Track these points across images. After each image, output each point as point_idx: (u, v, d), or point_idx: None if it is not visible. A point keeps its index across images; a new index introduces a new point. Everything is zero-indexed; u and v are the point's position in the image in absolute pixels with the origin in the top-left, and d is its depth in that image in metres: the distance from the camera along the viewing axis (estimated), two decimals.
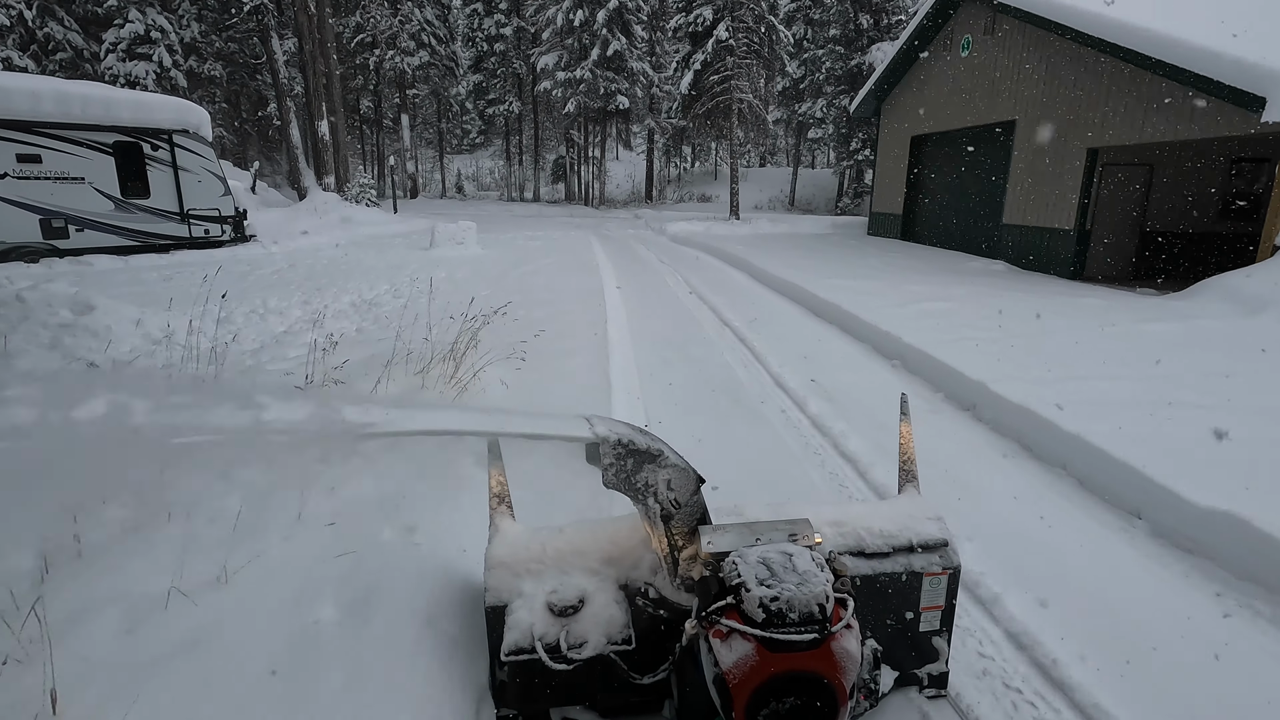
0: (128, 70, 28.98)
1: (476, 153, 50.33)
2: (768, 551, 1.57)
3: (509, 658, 1.80)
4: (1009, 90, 12.33)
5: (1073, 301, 8.10)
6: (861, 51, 31.67)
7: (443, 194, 41.05)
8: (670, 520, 1.82)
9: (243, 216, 12.66)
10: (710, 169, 46.65)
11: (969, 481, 3.75)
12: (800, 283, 9.25)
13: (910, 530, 2.08)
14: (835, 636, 1.41)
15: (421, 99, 37.56)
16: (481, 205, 34.07)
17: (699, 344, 6.84)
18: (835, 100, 32.84)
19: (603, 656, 1.83)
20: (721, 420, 4.72)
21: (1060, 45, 10.83)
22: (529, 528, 2.08)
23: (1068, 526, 3.29)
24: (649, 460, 1.76)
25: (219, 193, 11.70)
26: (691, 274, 11.78)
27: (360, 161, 41.27)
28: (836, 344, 6.84)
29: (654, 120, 34.35)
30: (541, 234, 18.18)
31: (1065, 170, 10.90)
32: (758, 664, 1.38)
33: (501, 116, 40.96)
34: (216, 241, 11.86)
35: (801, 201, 38.29)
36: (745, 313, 8.27)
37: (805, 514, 1.90)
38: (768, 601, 1.42)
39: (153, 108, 10.51)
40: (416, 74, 34.44)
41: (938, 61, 14.89)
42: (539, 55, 31.20)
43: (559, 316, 7.00)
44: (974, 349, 5.67)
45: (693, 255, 15.04)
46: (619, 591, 1.93)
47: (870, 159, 33.06)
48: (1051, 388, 4.56)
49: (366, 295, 7.96)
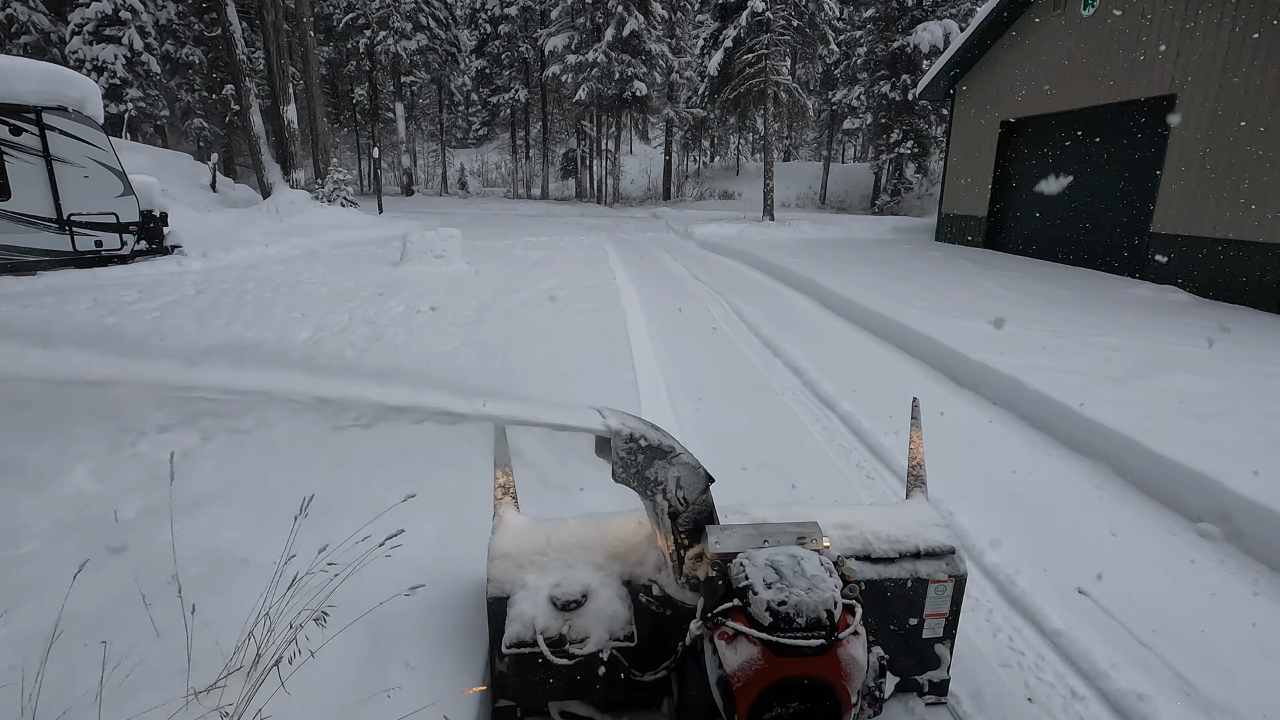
0: (94, 55, 26.34)
1: (483, 146, 47.42)
2: (776, 554, 1.53)
3: (510, 650, 1.76)
4: (1165, 54, 9.25)
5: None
6: (904, 32, 28.52)
7: (443, 191, 38.16)
8: (678, 518, 1.78)
9: (158, 222, 9.82)
10: (731, 164, 43.51)
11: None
12: (920, 328, 6.26)
13: (918, 536, 2.01)
14: (842, 643, 1.38)
15: (421, 87, 34.65)
16: (484, 203, 31.16)
17: (813, 462, 3.90)
18: (873, 87, 29.70)
19: (604, 652, 1.79)
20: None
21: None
22: (534, 519, 2.05)
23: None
24: (660, 456, 1.73)
25: (116, 191, 8.85)
26: (739, 298, 8.81)
27: (356, 156, 38.49)
28: (1082, 483, 3.70)
29: (673, 109, 31.30)
30: (547, 239, 15.25)
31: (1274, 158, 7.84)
32: (763, 668, 1.35)
33: (507, 106, 37.99)
34: (114, 256, 9.01)
35: (833, 199, 35.17)
36: (847, 379, 5.31)
37: (813, 516, 1.88)
38: (775, 605, 1.39)
39: (7, 76, 7.64)
40: (414, 59, 31.54)
41: (1044, 26, 11.80)
42: (547, 37, 28.21)
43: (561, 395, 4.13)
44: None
45: (731, 268, 12.07)
46: (623, 588, 1.88)
47: (912, 152, 29.97)
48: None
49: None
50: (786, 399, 4.98)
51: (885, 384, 5.23)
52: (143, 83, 27.09)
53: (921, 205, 31.38)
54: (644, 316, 7.66)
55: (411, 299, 7.64)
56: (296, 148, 16.07)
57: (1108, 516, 3.30)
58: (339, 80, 34.83)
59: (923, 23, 27.93)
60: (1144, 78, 9.63)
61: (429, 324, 6.39)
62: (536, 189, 38.59)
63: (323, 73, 35.56)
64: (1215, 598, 2.66)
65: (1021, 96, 12.40)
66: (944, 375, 5.50)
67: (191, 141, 33.01)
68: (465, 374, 4.87)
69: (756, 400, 4.96)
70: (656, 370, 5.45)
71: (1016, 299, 7.79)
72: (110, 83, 26.13)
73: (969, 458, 3.90)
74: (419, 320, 6.57)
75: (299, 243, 12.49)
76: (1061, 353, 5.35)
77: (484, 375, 4.81)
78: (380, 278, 9.03)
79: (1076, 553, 2.94)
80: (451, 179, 40.77)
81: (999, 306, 7.27)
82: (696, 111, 33.58)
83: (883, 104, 29.63)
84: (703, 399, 4.90)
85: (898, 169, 31.65)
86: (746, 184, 37.39)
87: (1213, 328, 6.29)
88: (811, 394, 5.10)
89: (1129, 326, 6.41)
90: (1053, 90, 11.57)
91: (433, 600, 2.17)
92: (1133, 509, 3.38)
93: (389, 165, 36.40)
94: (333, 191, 16.08)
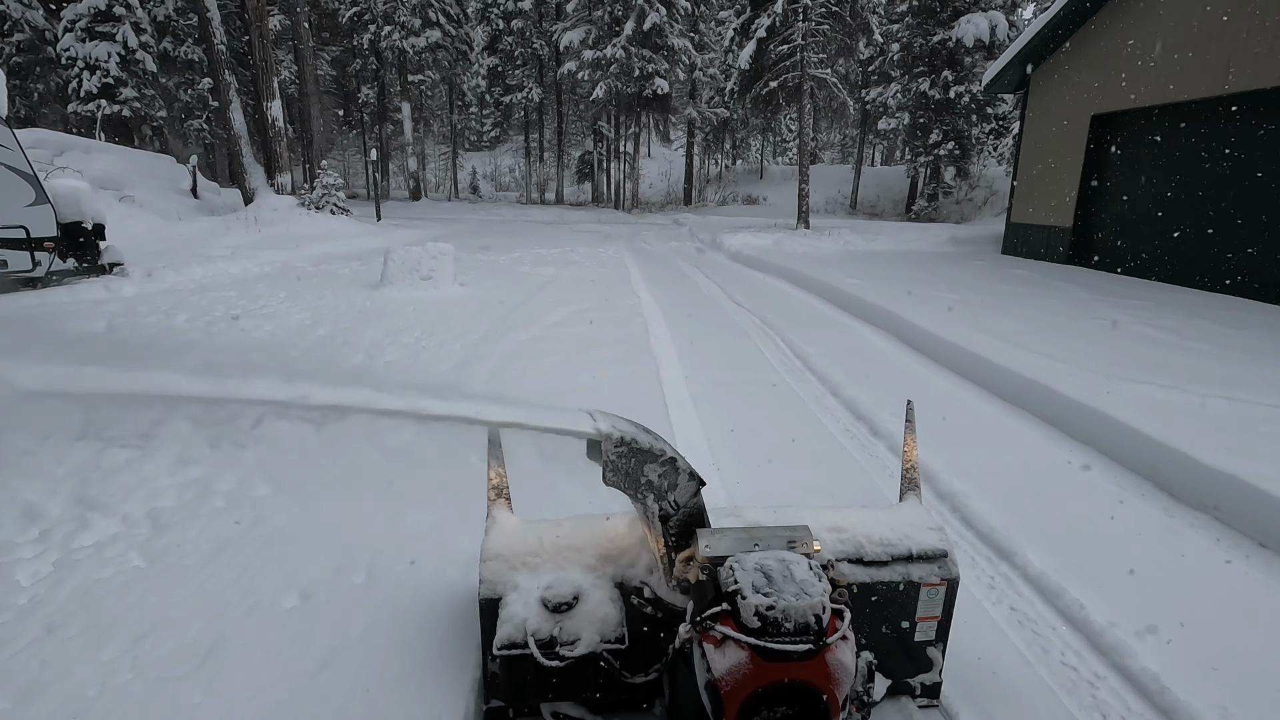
0: (87, 52, 24.99)
1: (496, 149, 45.86)
2: (765, 558, 1.53)
3: (501, 651, 1.74)
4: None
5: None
6: (945, 25, 26.53)
7: (453, 195, 36.55)
8: (668, 521, 1.75)
9: (91, 236, 8.16)
10: (753, 167, 41.57)
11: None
12: (1083, 397, 4.34)
13: (910, 539, 1.98)
14: (830, 648, 1.38)
15: (431, 87, 33.09)
16: (494, 209, 29.50)
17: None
18: (910, 85, 27.69)
19: (595, 654, 1.77)
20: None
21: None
22: (526, 521, 2.02)
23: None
24: (650, 459, 1.70)
25: (25, 199, 7.17)
26: (796, 332, 6.94)
27: (364, 159, 37.03)
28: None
29: (695, 109, 29.47)
30: (560, 252, 13.47)
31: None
32: (751, 672, 1.35)
33: (520, 106, 36.33)
34: (22, 278, 7.33)
35: (864, 204, 33.17)
36: (1016, 498, 3.44)
37: (805, 519, 1.90)
38: (763, 610, 1.38)
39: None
40: (424, 57, 29.97)
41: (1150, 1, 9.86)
42: (563, 32, 26.50)
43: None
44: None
45: (773, 288, 10.21)
46: (614, 590, 1.86)
47: (952, 154, 27.94)
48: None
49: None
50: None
51: (1097, 520, 3.32)
52: (138, 81, 25.73)
53: (961, 211, 29.31)
54: (679, 362, 5.83)
55: (378, 341, 5.86)
56: (283, 149, 14.42)
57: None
58: (344, 79, 33.36)
59: (966, 14, 25.94)
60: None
61: (392, 377, 4.61)
62: (551, 193, 36.92)
63: (331, 73, 34.19)
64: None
65: (1119, 81, 10.43)
66: (1177, 500, 3.55)
67: (192, 143, 31.71)
68: (419, 498, 3.09)
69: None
70: (714, 476, 3.58)
71: (1185, 345, 5.83)
72: (104, 81, 24.81)
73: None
74: (380, 370, 4.79)
75: (272, 257, 10.82)
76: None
77: (445, 507, 3.02)
78: (349, 306, 7.28)
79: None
80: (463, 183, 39.23)
81: (1168, 358, 5.34)
82: (720, 111, 31.73)
83: (920, 102, 27.63)
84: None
85: (935, 172, 29.60)
86: (771, 188, 35.47)
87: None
88: (977, 538, 3.19)
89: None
90: (1162, 76, 9.60)
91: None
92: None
93: (398, 169, 34.91)
94: (321, 197, 14.41)
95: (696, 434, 4.20)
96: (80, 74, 24.78)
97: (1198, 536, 3.09)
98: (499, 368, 5.17)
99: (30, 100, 28.46)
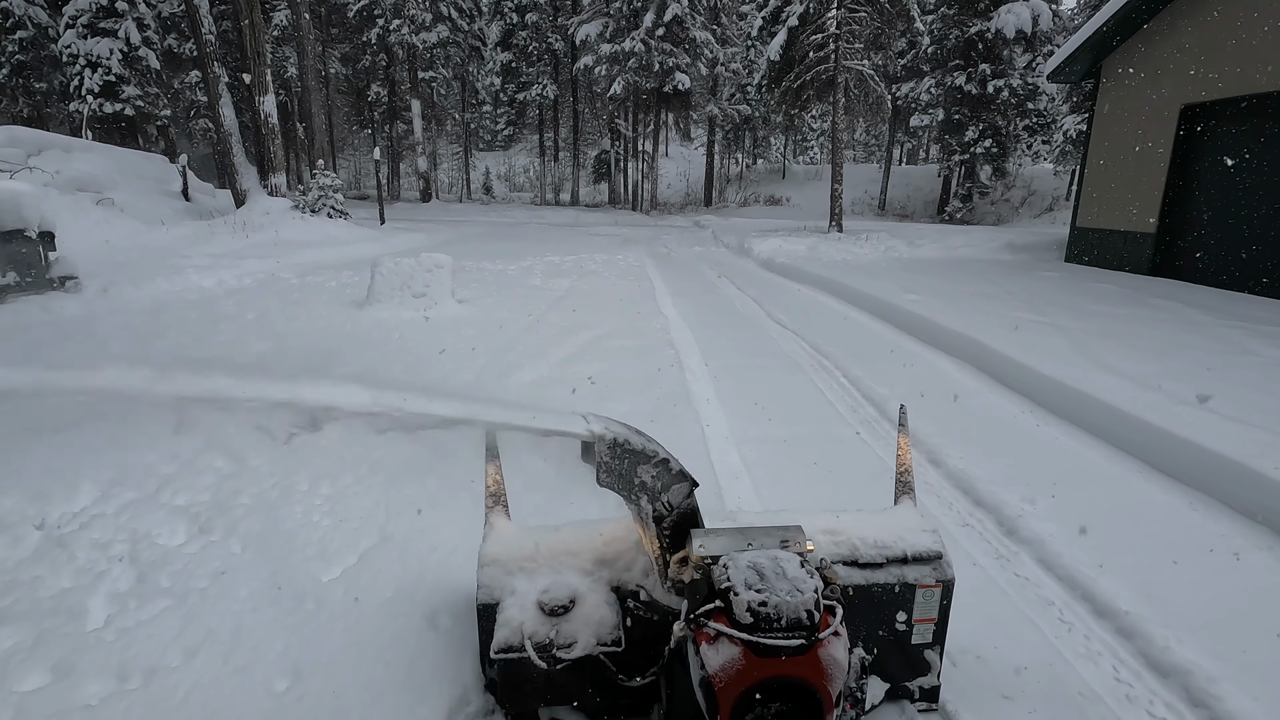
0: (88, 49, 24.19)
1: (510, 149, 44.80)
2: (758, 557, 1.49)
3: (498, 655, 1.72)
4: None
5: None
6: (983, 15, 25.05)
7: (465, 196, 35.50)
8: (662, 522, 1.75)
9: (36, 246, 7.07)
10: (776, 166, 40.16)
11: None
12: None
13: (905, 541, 1.97)
14: (822, 643, 1.36)
15: (442, 84, 32.05)
16: (507, 210, 28.39)
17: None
18: (945, 79, 26.22)
19: (592, 657, 1.75)
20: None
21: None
22: (523, 526, 2.03)
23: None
24: (644, 461, 1.70)
25: None
26: (856, 364, 5.67)
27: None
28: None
29: (716, 105, 28.18)
30: (574, 259, 12.27)
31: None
32: (744, 668, 1.33)
33: (534, 104, 35.22)
34: None
35: (893, 205, 31.71)
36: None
37: (800, 522, 1.78)
38: (756, 606, 1.36)
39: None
40: (434, 53, 28.92)
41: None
42: (579, 25, 25.33)
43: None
44: None
45: (817, 304, 8.93)
46: (610, 593, 1.86)
47: (989, 151, 26.42)
48: None
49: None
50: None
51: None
52: (141, 79, 24.90)
53: (998, 212, 27.78)
54: (722, 409, 4.59)
55: (352, 377, 4.67)
56: (276, 147, 13.34)
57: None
58: (355, 76, 32.41)
59: (1006, 4, 24.43)
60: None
61: (341, 465, 3.41)
62: (566, 194, 35.79)
63: (344, 72, 33.25)
64: None
65: (1214, 68, 9.04)
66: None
67: (199, 142, 30.91)
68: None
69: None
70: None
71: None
72: (105, 79, 24.00)
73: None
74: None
75: (255, 268, 9.71)
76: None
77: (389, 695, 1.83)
78: (323, 332, 6.11)
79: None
80: (476, 183, 38.21)
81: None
82: (742, 108, 30.43)
83: (956, 98, 26.14)
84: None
85: (970, 172, 28.06)
86: (794, 188, 34.09)
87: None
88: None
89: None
90: (1270, 59, 8.22)
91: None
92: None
93: (409, 169, 33.93)
94: (318, 199, 13.32)
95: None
96: (81, 72, 23.99)
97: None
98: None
99: (34, 99, 27.79)
